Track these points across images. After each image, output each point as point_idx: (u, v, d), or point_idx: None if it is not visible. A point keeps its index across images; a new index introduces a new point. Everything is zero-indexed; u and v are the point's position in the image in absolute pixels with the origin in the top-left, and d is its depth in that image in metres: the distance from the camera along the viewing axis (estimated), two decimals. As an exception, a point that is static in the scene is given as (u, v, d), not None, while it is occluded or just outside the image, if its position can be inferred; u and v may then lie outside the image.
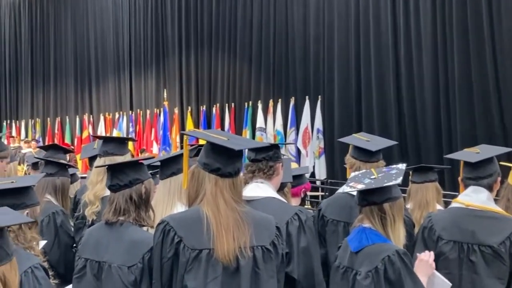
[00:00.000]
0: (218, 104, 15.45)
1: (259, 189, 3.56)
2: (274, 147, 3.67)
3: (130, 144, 16.04)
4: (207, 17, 15.90)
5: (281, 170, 3.68)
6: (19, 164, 12.36)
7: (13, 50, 21.49)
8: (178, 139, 11.81)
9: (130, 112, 17.59)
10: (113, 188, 3.16)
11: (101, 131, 17.51)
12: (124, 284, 2.98)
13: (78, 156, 14.14)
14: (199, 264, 2.74)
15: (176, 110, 16.00)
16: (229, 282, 2.74)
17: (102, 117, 18.11)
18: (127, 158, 4.33)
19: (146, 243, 2.97)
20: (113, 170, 3.17)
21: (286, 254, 3.30)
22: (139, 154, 18.22)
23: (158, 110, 16.50)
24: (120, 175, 3.13)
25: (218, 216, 2.78)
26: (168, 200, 3.49)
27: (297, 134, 13.59)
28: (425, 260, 3.27)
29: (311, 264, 3.42)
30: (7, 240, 2.18)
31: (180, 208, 3.35)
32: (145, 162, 3.36)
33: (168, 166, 3.56)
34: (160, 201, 3.50)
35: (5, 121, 21.35)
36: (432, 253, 3.33)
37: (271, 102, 14.24)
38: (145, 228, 3.16)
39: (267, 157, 3.59)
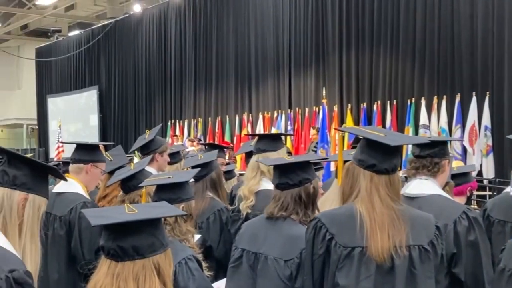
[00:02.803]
0: (379, 101, 15.11)
1: (423, 186, 3.41)
2: (440, 143, 3.49)
3: (289, 141, 16.24)
4: (369, 14, 15.60)
5: (447, 167, 3.50)
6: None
7: (178, 54, 22.36)
8: (337, 137, 11.72)
9: (289, 110, 17.70)
10: (281, 186, 3.16)
11: (259, 130, 17.74)
12: (280, 277, 2.99)
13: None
14: (351, 262, 2.67)
15: (336, 108, 15.87)
16: (383, 282, 2.64)
17: (261, 116, 18.38)
18: (281, 153, 4.35)
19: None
20: (283, 169, 3.18)
21: (453, 255, 3.14)
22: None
23: (317, 108, 16.48)
24: (291, 175, 3.13)
25: (372, 213, 2.68)
26: (338, 200, 3.43)
27: (463, 131, 12.99)
28: None
29: (479, 260, 3.20)
30: (162, 231, 2.22)
31: None
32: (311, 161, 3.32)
33: None
34: (329, 199, 3.50)
35: (170, 121, 22.32)
36: None
37: (435, 99, 13.69)
38: None
39: (432, 153, 3.43)
